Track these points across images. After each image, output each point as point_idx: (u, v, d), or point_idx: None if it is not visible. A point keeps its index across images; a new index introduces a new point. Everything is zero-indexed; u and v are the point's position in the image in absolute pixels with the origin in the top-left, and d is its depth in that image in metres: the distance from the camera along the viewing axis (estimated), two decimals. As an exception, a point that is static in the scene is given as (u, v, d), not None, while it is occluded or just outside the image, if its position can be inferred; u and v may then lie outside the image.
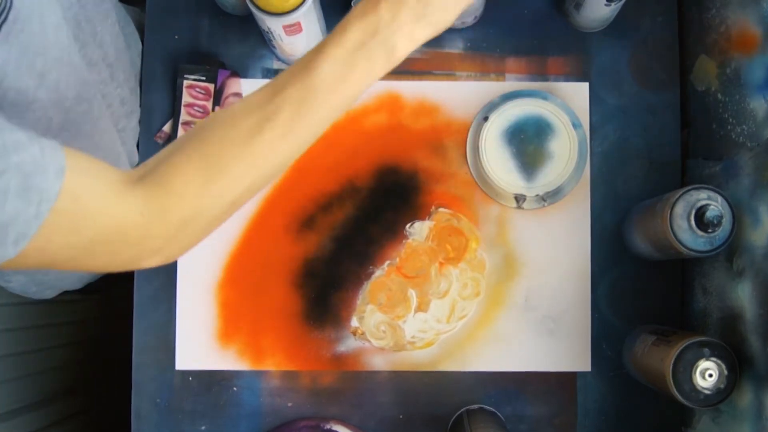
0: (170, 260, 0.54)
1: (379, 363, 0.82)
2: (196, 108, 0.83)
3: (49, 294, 0.89)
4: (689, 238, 0.69)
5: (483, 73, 0.85)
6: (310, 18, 0.75)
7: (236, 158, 0.52)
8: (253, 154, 0.52)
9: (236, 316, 0.82)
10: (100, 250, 0.49)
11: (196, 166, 0.52)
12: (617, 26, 0.84)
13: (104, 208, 0.48)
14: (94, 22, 0.68)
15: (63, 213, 0.45)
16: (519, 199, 0.81)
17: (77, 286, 0.92)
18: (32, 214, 0.43)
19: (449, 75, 0.85)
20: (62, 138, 0.57)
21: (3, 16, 0.50)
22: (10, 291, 0.83)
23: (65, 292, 0.91)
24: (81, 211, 0.47)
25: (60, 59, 0.60)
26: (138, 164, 0.84)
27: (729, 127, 0.76)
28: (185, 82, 0.83)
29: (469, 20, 0.84)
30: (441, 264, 0.83)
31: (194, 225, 0.53)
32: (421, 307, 0.81)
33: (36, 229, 0.44)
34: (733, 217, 0.68)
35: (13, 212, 0.42)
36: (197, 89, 0.83)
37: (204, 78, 0.83)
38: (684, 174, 0.84)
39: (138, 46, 0.84)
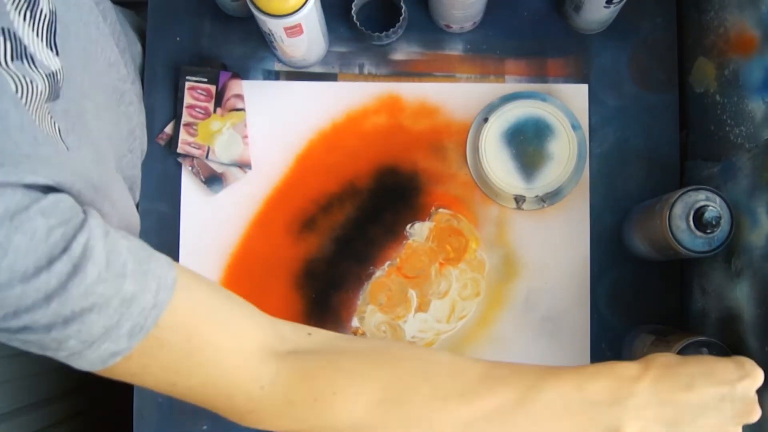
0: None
1: (380, 363, 0.82)
2: (197, 109, 0.83)
3: None
4: (688, 238, 0.69)
5: (483, 75, 0.85)
6: (311, 20, 0.75)
7: (436, 407, 0.47)
8: (442, 415, 0.48)
9: (237, 317, 0.83)
10: (198, 390, 0.47)
11: (374, 389, 0.47)
12: (616, 28, 0.85)
13: (232, 361, 0.46)
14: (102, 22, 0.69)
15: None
16: (519, 200, 0.82)
17: None
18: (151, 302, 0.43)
19: (449, 77, 0.85)
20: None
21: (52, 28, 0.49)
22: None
23: None
24: (202, 343, 0.45)
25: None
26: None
27: (727, 129, 0.76)
28: (187, 84, 0.83)
29: (468, 26, 0.84)
30: (441, 264, 0.83)
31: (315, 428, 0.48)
32: (422, 307, 0.82)
33: (153, 323, 0.43)
34: (732, 217, 0.69)
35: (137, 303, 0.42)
36: (199, 91, 0.83)
37: (206, 80, 0.83)
38: (683, 175, 0.84)
39: (137, 46, 0.84)
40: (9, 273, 0.38)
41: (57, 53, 0.49)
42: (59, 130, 0.50)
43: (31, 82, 0.45)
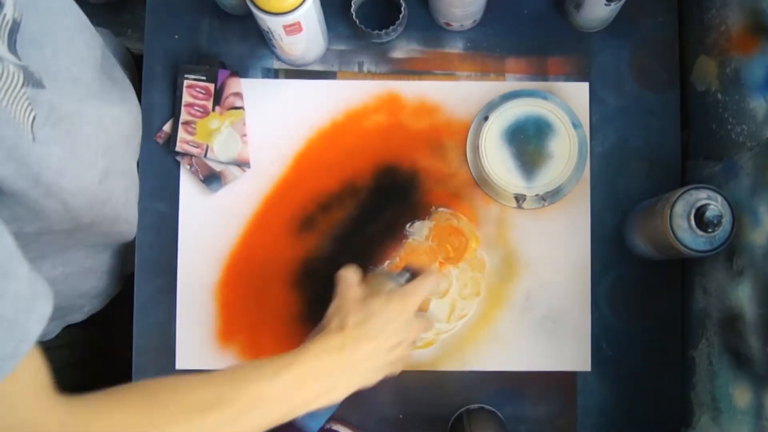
0: None
1: (379, 363, 0.82)
2: (196, 108, 0.83)
3: (53, 330, 0.87)
4: (689, 237, 0.69)
5: (483, 73, 0.85)
6: (310, 18, 0.75)
7: (176, 424, 0.54)
8: (192, 425, 0.54)
9: (236, 316, 0.82)
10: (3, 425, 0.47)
11: (133, 413, 0.52)
12: (617, 26, 0.84)
13: (28, 400, 0.47)
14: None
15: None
16: (519, 198, 0.81)
17: (80, 318, 0.91)
18: (10, 351, 0.43)
19: (449, 75, 0.85)
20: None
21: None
22: None
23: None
24: (8, 394, 0.45)
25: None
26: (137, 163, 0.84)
27: (729, 127, 0.76)
28: (185, 82, 0.83)
29: (468, 24, 0.84)
30: (441, 264, 0.83)
31: None
32: (421, 306, 0.81)
33: (11, 369, 0.43)
34: (733, 217, 0.68)
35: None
36: (197, 89, 0.83)
37: (204, 78, 0.83)
38: (684, 174, 0.84)
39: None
40: None
41: (19, 59, 0.50)
42: (33, 119, 0.50)
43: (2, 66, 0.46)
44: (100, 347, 1.03)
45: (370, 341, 0.63)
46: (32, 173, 0.54)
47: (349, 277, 0.68)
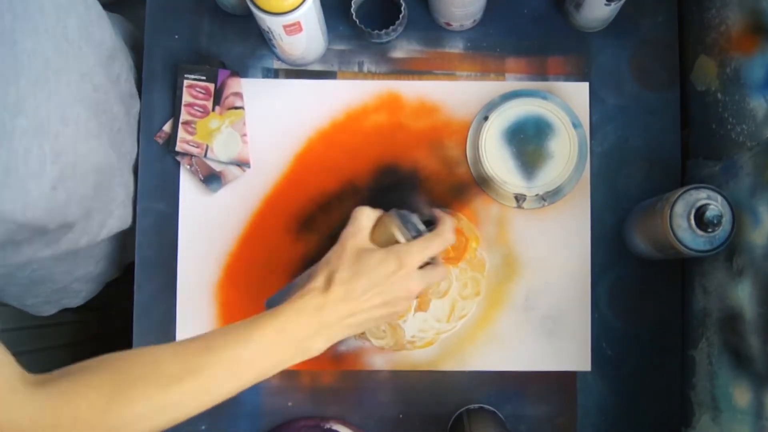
0: None
1: (379, 362, 0.82)
2: (196, 107, 0.83)
3: (47, 310, 0.87)
4: (689, 237, 0.69)
5: (483, 73, 0.85)
6: (310, 17, 0.75)
7: (148, 399, 0.53)
8: (165, 399, 0.54)
9: (236, 316, 0.82)
10: None
11: (103, 393, 0.51)
12: (617, 26, 0.84)
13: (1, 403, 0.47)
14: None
15: None
16: (519, 198, 0.81)
17: (77, 303, 0.91)
18: None
19: (449, 75, 0.85)
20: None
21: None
22: (5, 302, 0.82)
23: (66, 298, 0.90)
24: None
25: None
26: (136, 161, 0.84)
27: (729, 127, 0.76)
28: (185, 82, 0.83)
29: (468, 23, 0.84)
30: (441, 264, 0.82)
31: None
32: (421, 306, 0.81)
33: None
34: (733, 216, 0.68)
35: None
36: (197, 89, 0.83)
37: (204, 77, 0.83)
38: (684, 174, 0.84)
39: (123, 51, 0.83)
40: None
41: None
42: None
43: None
44: (101, 311, 1.02)
45: (351, 302, 0.62)
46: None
47: (361, 221, 0.66)
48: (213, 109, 0.83)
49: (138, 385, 0.53)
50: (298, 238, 0.83)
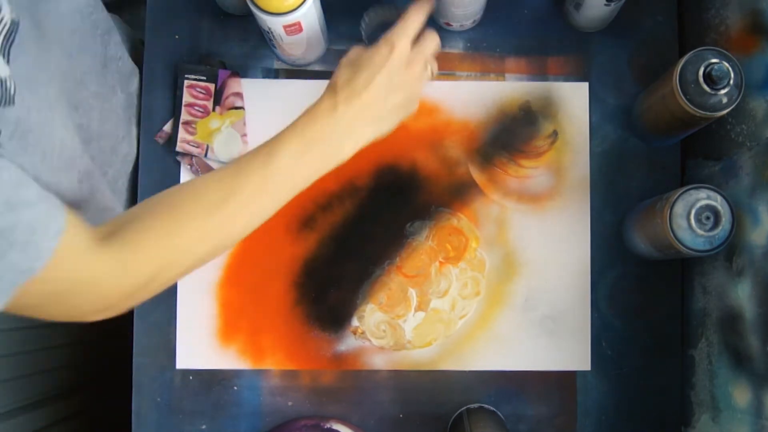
0: (116, 314, 0.56)
1: (379, 362, 0.82)
2: (196, 108, 0.83)
3: None
4: (689, 237, 0.69)
5: (483, 73, 0.85)
6: (310, 18, 0.75)
7: (199, 227, 0.57)
8: (214, 223, 0.57)
9: (236, 316, 0.83)
10: (65, 302, 0.51)
11: (160, 226, 0.55)
12: (617, 26, 0.84)
13: (80, 264, 0.50)
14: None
15: (47, 268, 0.46)
16: None
17: None
18: (25, 267, 0.45)
19: (449, 75, 0.85)
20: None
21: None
22: None
23: None
24: (62, 266, 0.48)
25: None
26: (135, 161, 0.84)
27: (728, 127, 0.76)
28: (186, 82, 0.83)
29: (468, 24, 0.84)
30: (441, 263, 0.83)
31: (152, 284, 0.56)
32: (421, 306, 0.81)
33: (24, 281, 0.45)
34: (733, 216, 0.68)
35: (9, 264, 0.44)
36: (198, 89, 0.83)
37: (205, 78, 0.83)
38: (683, 174, 0.84)
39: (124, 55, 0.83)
40: None
41: (8, 62, 0.50)
42: None
43: None
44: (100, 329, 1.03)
45: (361, 93, 0.63)
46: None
47: (352, 50, 0.67)
48: (213, 109, 0.83)
49: (189, 214, 0.56)
50: (298, 237, 0.83)
